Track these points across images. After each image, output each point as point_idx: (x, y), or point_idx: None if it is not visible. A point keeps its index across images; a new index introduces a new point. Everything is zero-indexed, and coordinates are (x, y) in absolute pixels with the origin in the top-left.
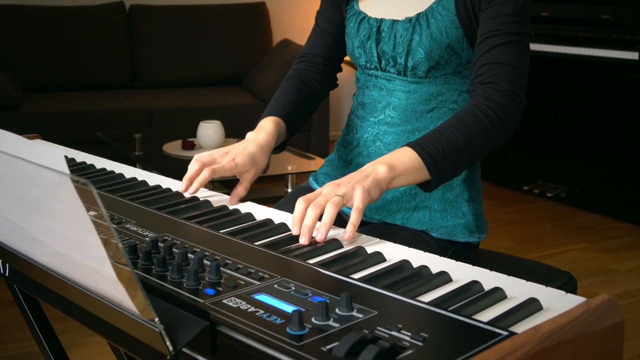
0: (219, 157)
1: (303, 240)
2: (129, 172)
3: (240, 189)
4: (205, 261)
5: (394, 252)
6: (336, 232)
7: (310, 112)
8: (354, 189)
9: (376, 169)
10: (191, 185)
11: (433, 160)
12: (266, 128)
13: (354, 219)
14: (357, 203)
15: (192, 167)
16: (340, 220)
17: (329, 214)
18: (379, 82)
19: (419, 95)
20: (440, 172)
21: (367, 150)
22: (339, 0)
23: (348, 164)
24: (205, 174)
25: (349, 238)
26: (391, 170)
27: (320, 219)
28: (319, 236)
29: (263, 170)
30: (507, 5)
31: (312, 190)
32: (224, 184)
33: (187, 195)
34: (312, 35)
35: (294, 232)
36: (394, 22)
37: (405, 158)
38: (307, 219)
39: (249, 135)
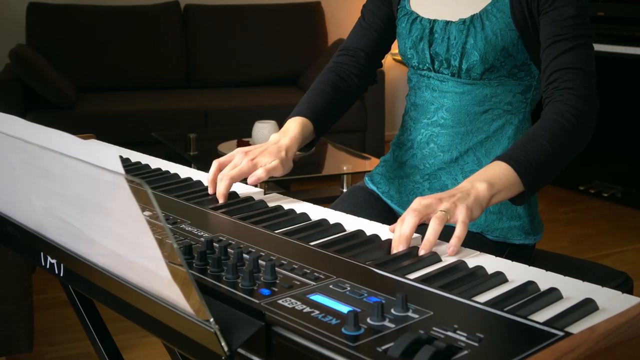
0: (238, 159)
1: (400, 249)
2: (184, 172)
3: (261, 171)
4: (260, 261)
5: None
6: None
7: (345, 108)
8: (456, 205)
9: (476, 187)
10: (215, 186)
11: (527, 174)
12: (290, 131)
13: (459, 232)
14: (463, 217)
15: (212, 169)
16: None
17: (434, 231)
18: (431, 83)
19: (473, 97)
20: (533, 185)
21: (421, 152)
22: None
23: (403, 165)
24: (225, 183)
25: (452, 252)
26: (491, 187)
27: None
28: (421, 252)
29: (288, 170)
30: (569, 8)
31: (367, 190)
32: (279, 183)
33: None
34: (356, 28)
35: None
36: (447, 23)
37: (501, 173)
38: (405, 226)
39: (272, 137)
